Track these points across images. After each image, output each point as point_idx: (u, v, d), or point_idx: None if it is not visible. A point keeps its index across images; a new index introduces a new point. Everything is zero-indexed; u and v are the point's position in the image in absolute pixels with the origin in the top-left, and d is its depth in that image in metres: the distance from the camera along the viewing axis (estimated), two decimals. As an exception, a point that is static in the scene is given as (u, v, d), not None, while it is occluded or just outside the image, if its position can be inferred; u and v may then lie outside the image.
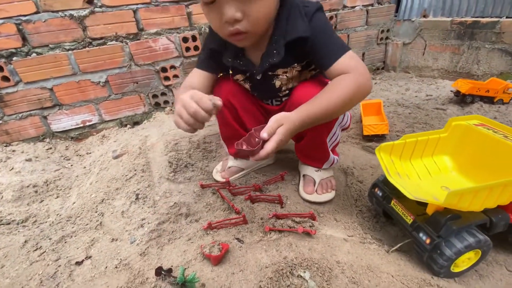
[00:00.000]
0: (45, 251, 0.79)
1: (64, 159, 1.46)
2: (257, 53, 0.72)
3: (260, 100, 0.89)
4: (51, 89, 1.45)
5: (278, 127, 0.58)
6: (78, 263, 0.73)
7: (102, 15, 1.43)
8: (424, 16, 1.99)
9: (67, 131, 1.57)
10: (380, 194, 0.70)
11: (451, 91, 1.47)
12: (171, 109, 1.75)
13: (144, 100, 1.67)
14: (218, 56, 0.77)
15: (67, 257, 0.76)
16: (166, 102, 1.73)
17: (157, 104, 1.72)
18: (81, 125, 1.58)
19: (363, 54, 2.17)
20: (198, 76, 0.82)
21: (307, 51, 0.68)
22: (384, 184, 0.70)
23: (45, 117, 1.50)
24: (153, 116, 1.72)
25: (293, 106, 0.75)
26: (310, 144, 0.81)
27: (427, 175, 0.69)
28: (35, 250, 0.81)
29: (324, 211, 0.80)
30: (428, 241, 0.56)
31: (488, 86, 1.32)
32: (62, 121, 1.54)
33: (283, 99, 0.85)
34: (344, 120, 0.84)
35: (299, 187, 0.89)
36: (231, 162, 0.98)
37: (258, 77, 0.76)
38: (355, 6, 2.00)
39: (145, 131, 1.57)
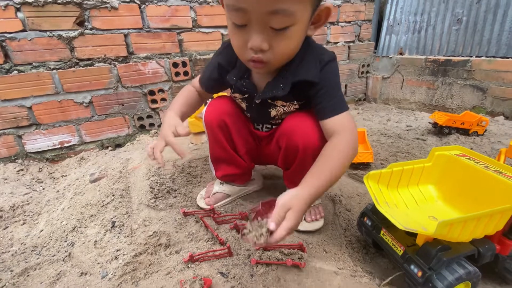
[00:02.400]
0: (4, 285, 0.69)
1: (36, 181, 1.36)
2: (263, 79, 0.73)
3: (251, 124, 0.88)
4: (29, 108, 1.39)
5: (286, 212, 0.51)
6: (38, 303, 0.65)
7: (92, 37, 1.44)
8: (401, 54, 2.16)
9: (42, 152, 1.48)
10: (370, 223, 0.69)
11: (429, 122, 1.55)
12: (156, 132, 1.71)
13: (129, 122, 1.63)
14: (222, 72, 0.78)
15: (26, 294, 0.67)
16: (151, 124, 1.70)
17: (142, 127, 1.68)
18: (59, 146, 1.50)
19: (346, 86, 2.29)
20: (191, 93, 0.86)
21: (311, 94, 0.70)
22: (373, 213, 0.69)
23: (19, 137, 1.42)
24: (137, 138, 1.68)
25: (282, 136, 0.76)
26: (299, 170, 0.81)
27: (414, 204, 0.69)
28: (-10, 286, 0.71)
29: (313, 241, 0.77)
30: (419, 273, 0.55)
31: (463, 119, 1.40)
32: (38, 141, 1.46)
33: (273, 126, 0.85)
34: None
35: None
36: (217, 187, 0.95)
37: (257, 101, 0.77)
38: (338, 42, 2.14)
39: (127, 153, 1.52)
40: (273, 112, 0.80)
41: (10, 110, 1.36)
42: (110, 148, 1.62)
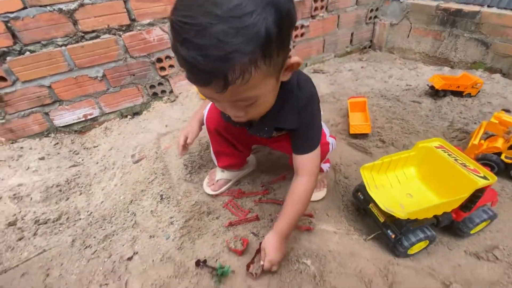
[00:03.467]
0: (96, 250, 0.97)
1: (73, 153, 1.56)
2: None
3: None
4: (49, 87, 1.46)
5: (265, 251, 0.80)
6: (129, 259, 0.93)
7: (92, 7, 1.39)
8: (412, -3, 2.04)
9: (70, 125, 1.63)
10: (362, 197, 0.92)
11: (427, 84, 1.65)
12: (168, 98, 1.81)
13: (142, 91, 1.72)
14: None
15: (117, 253, 0.95)
16: (163, 91, 1.78)
17: (154, 94, 1.77)
18: (83, 118, 1.64)
19: (352, 33, 2.23)
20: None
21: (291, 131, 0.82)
22: (364, 189, 0.92)
23: (47, 114, 1.54)
24: (151, 106, 1.79)
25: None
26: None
27: (397, 183, 0.91)
28: (85, 248, 0.99)
29: (319, 207, 1.03)
30: (393, 236, 0.80)
31: (458, 82, 1.50)
32: (64, 116, 1.58)
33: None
34: (332, 148, 0.99)
35: None
36: (219, 175, 1.12)
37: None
38: (347, -14, 2.00)
39: (146, 122, 1.67)
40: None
41: (32, 90, 1.44)
42: (129, 116, 1.75)
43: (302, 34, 2.00)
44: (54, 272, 0.91)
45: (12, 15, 1.25)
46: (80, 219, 1.14)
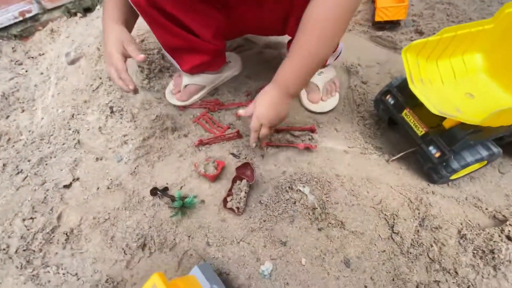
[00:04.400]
0: (27, 176, 0.74)
1: (15, 63, 1.22)
2: None
3: None
4: None
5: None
6: (67, 186, 0.70)
7: None
8: None
9: (7, 28, 1.23)
10: (392, 102, 0.61)
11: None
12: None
13: (89, -27, 1.24)
14: None
15: (52, 180, 0.72)
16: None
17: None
18: (21, 18, 1.23)
19: None
20: None
21: None
22: (398, 90, 0.60)
23: (-38, 7, 1.13)
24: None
25: None
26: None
27: (452, 78, 0.58)
28: (17, 174, 0.76)
29: (324, 120, 0.74)
30: (437, 154, 0.53)
31: None
32: (-10, 13, 1.17)
33: None
34: None
35: (300, 97, 0.78)
36: (187, 79, 0.78)
37: None
38: None
39: (100, 21, 1.25)
40: None
41: None
42: (79, 14, 1.32)
43: None
44: (-26, 202, 0.70)
45: None
46: (20, 140, 0.89)
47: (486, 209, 0.58)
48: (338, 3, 0.44)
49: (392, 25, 0.96)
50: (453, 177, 0.58)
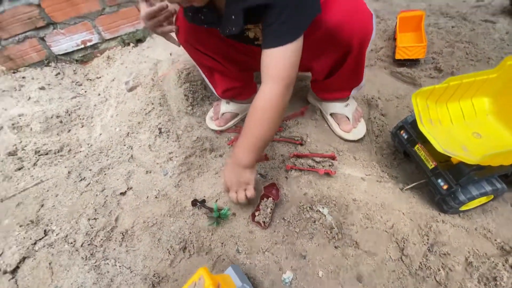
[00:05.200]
0: (90, 183, 0.89)
1: (75, 84, 1.44)
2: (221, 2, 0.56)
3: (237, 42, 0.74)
4: (39, 5, 1.27)
5: None
6: (123, 194, 0.84)
7: None
8: None
9: (70, 54, 1.48)
10: (406, 136, 0.69)
11: (510, -4, 1.20)
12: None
13: (143, 12, 1.46)
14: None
15: (110, 187, 0.86)
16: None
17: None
18: (82, 45, 1.47)
19: None
20: None
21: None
22: (411, 126, 0.68)
23: (42, 39, 1.38)
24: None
25: (323, 35, 0.63)
26: (351, 69, 0.71)
27: (461, 118, 0.65)
28: (80, 180, 0.91)
29: (344, 149, 0.82)
30: (445, 187, 0.60)
31: None
32: (61, 42, 1.42)
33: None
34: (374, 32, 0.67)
35: (333, 128, 0.87)
36: (224, 107, 0.92)
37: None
38: None
39: (150, 50, 1.46)
40: (251, 34, 0.66)
41: (21, 10, 1.26)
42: (132, 44, 1.55)
43: None
44: (48, 203, 0.86)
45: None
46: (80, 151, 1.07)
47: (495, 240, 0.62)
48: (272, 100, 0.57)
49: (412, 62, 1.04)
50: (463, 208, 0.64)
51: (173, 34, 0.73)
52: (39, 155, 1.05)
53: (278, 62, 0.55)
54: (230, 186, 0.66)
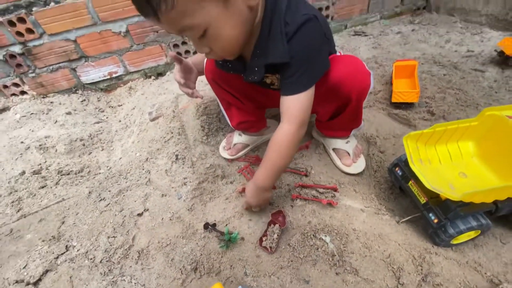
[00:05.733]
0: (109, 203, 0.96)
1: (98, 111, 1.57)
2: (247, 52, 0.69)
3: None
4: (75, 41, 1.44)
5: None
6: (139, 215, 0.91)
7: (115, -47, 1.30)
8: None
9: (96, 83, 1.63)
10: (400, 173, 0.77)
11: (495, 50, 1.34)
12: (193, 59, 1.72)
13: (166, 50, 1.64)
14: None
15: (128, 208, 0.93)
16: (187, 51, 1.69)
17: (178, 54, 1.69)
18: (108, 76, 1.63)
19: (404, -9, 1.90)
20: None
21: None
22: (405, 164, 0.76)
23: (74, 69, 1.54)
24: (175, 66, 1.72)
25: (327, 89, 0.76)
26: (350, 116, 0.83)
27: (448, 159, 0.74)
28: (100, 200, 0.99)
29: (345, 181, 0.90)
30: (436, 221, 0.66)
31: (539, 46, 1.20)
32: (90, 73, 1.58)
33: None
34: (371, 86, 0.80)
35: (335, 162, 0.96)
36: (236, 138, 1.03)
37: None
38: None
39: (169, 83, 1.61)
40: (268, 80, 0.79)
41: (58, 44, 1.43)
42: (153, 77, 1.71)
43: (343, -10, 1.73)
44: (69, 220, 0.92)
45: (35, -39, 1.21)
46: (99, 173, 1.15)
47: (485, 273, 0.67)
48: (288, 137, 0.69)
49: (407, 105, 1.15)
50: (454, 241, 0.70)
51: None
52: (61, 175, 1.14)
53: (294, 106, 0.67)
54: (253, 204, 0.79)
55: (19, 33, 1.34)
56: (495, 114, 0.68)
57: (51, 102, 1.56)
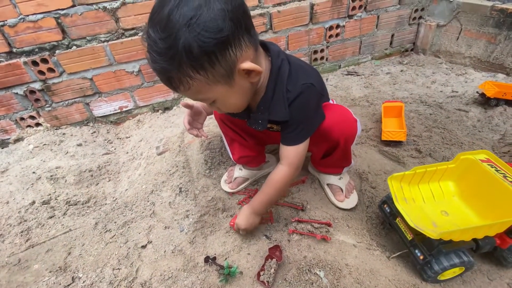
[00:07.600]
0: (114, 234, 1.01)
1: (107, 142, 1.66)
2: (252, 104, 0.78)
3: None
4: (91, 79, 1.58)
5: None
6: (143, 247, 0.95)
7: (133, 6, 1.47)
8: (465, -4, 1.84)
9: (107, 116, 1.74)
10: (388, 210, 0.83)
11: (477, 92, 1.46)
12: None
13: (174, 87, 1.77)
14: None
15: (133, 240, 0.97)
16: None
17: (185, 90, 1.82)
18: (119, 110, 1.74)
19: (392, 35, 2.08)
20: None
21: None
22: (392, 202, 0.83)
23: (87, 104, 1.66)
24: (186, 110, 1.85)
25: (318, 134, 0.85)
26: (340, 157, 0.92)
27: (431, 198, 0.80)
28: (106, 232, 1.03)
29: (338, 216, 0.95)
30: (421, 257, 0.71)
31: (515, 90, 1.31)
32: (102, 107, 1.70)
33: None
34: (359, 131, 0.91)
35: (329, 197, 1.03)
36: (237, 173, 1.11)
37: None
38: (390, -16, 1.87)
39: (175, 117, 1.72)
40: (268, 125, 0.88)
41: (76, 82, 1.56)
42: (160, 111, 1.82)
43: (337, 35, 1.91)
44: (75, 251, 0.96)
45: (62, 12, 1.38)
46: (105, 204, 1.21)
47: (473, 310, 0.70)
48: (285, 178, 0.81)
49: (396, 143, 1.23)
50: (441, 277, 0.73)
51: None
52: (69, 205, 1.19)
53: (292, 154, 0.79)
54: (241, 227, 0.87)
55: (40, 72, 1.48)
56: (469, 158, 0.76)
57: (63, 134, 1.65)
